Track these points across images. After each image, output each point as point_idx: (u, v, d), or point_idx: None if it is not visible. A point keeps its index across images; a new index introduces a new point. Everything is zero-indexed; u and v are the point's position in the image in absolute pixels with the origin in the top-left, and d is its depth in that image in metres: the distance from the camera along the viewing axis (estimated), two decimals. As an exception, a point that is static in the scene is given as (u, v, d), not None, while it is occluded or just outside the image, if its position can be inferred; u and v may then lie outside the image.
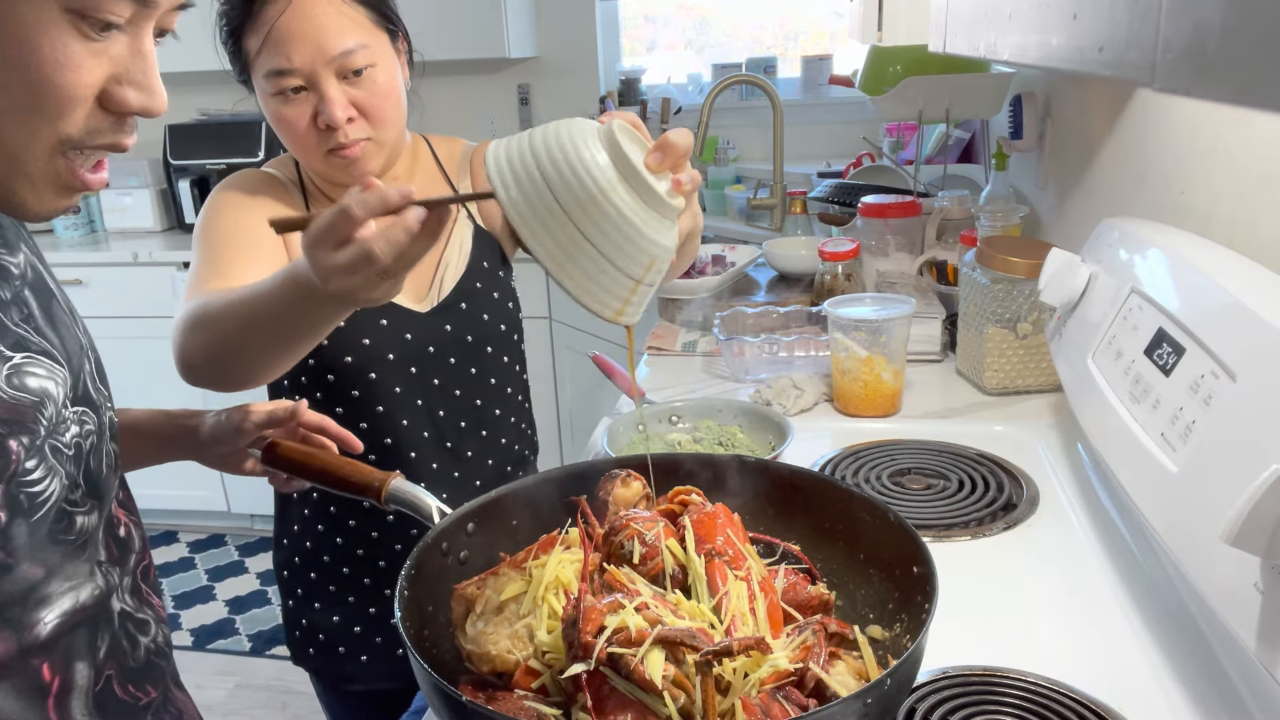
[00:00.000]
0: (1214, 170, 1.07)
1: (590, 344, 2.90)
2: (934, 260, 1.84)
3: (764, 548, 0.89)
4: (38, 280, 0.76)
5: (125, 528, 0.79)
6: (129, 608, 0.78)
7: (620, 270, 0.69)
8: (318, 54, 1.07)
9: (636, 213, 0.69)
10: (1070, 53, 0.65)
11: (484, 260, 1.28)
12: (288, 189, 1.23)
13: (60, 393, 0.70)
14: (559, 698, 0.71)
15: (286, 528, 1.33)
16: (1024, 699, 0.83)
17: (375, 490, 0.92)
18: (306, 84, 1.09)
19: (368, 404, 1.22)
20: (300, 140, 1.13)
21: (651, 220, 0.70)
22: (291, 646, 1.37)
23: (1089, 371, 1.09)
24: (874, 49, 2.06)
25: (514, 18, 3.21)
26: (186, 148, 3.41)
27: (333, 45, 1.08)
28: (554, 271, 0.69)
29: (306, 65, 1.08)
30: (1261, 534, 0.66)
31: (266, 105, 1.13)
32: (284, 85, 1.09)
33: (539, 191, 0.67)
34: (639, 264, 0.70)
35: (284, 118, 1.12)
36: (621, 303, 0.71)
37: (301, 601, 1.33)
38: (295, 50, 1.07)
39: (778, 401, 1.48)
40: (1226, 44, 0.41)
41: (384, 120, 1.14)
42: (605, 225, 0.68)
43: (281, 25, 1.07)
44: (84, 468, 0.72)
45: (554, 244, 0.68)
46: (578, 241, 0.68)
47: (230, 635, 2.98)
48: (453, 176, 1.31)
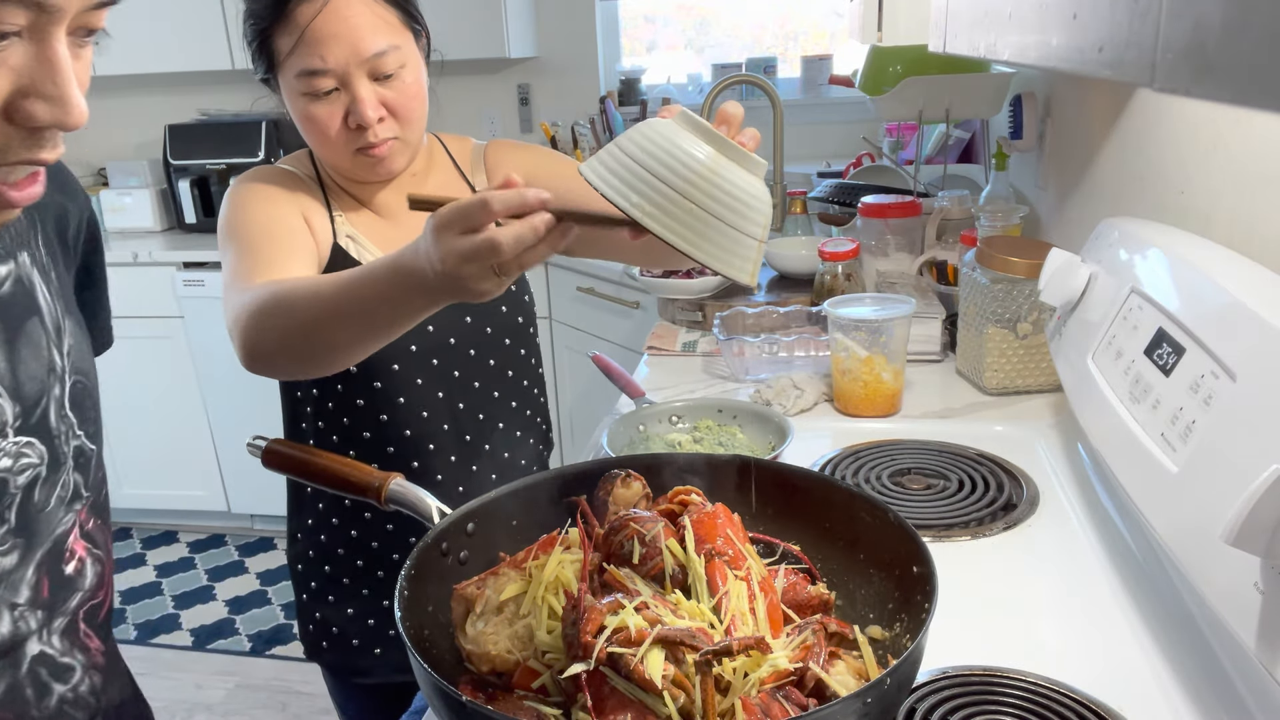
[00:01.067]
0: (1214, 170, 1.07)
1: (590, 344, 2.90)
2: (934, 260, 1.84)
3: (764, 548, 0.89)
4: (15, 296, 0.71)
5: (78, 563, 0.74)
6: (52, 651, 0.72)
7: (745, 234, 0.77)
8: (352, 55, 1.08)
9: (743, 178, 0.77)
10: (1070, 53, 0.65)
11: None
12: (306, 184, 1.23)
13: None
14: (559, 698, 0.71)
15: (301, 522, 1.34)
16: (1024, 699, 0.83)
17: (375, 491, 0.92)
18: (339, 84, 1.10)
19: (389, 396, 1.23)
20: (329, 139, 1.14)
21: (754, 181, 0.78)
22: (305, 640, 1.37)
23: (1089, 371, 1.09)
24: (874, 49, 2.06)
25: (514, 18, 3.21)
26: (186, 148, 3.41)
27: (367, 46, 1.09)
28: (696, 255, 0.76)
29: (340, 66, 1.09)
30: (1261, 534, 0.66)
31: (294, 104, 1.13)
32: (317, 86, 1.10)
33: (660, 191, 0.74)
34: (757, 223, 0.78)
35: (314, 117, 1.12)
36: (752, 264, 0.79)
37: (315, 595, 1.34)
38: (330, 51, 1.08)
39: (778, 401, 1.48)
40: (1226, 44, 0.41)
41: (412, 120, 1.16)
42: (724, 198, 0.75)
43: (316, 26, 1.07)
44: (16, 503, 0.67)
45: (689, 230, 0.75)
46: (707, 221, 0.75)
47: (230, 635, 2.98)
48: (467, 174, 1.32)
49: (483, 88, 3.57)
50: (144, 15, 3.24)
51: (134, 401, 3.32)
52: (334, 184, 1.25)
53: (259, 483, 3.35)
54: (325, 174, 1.25)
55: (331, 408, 1.25)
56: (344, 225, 1.22)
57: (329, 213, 1.21)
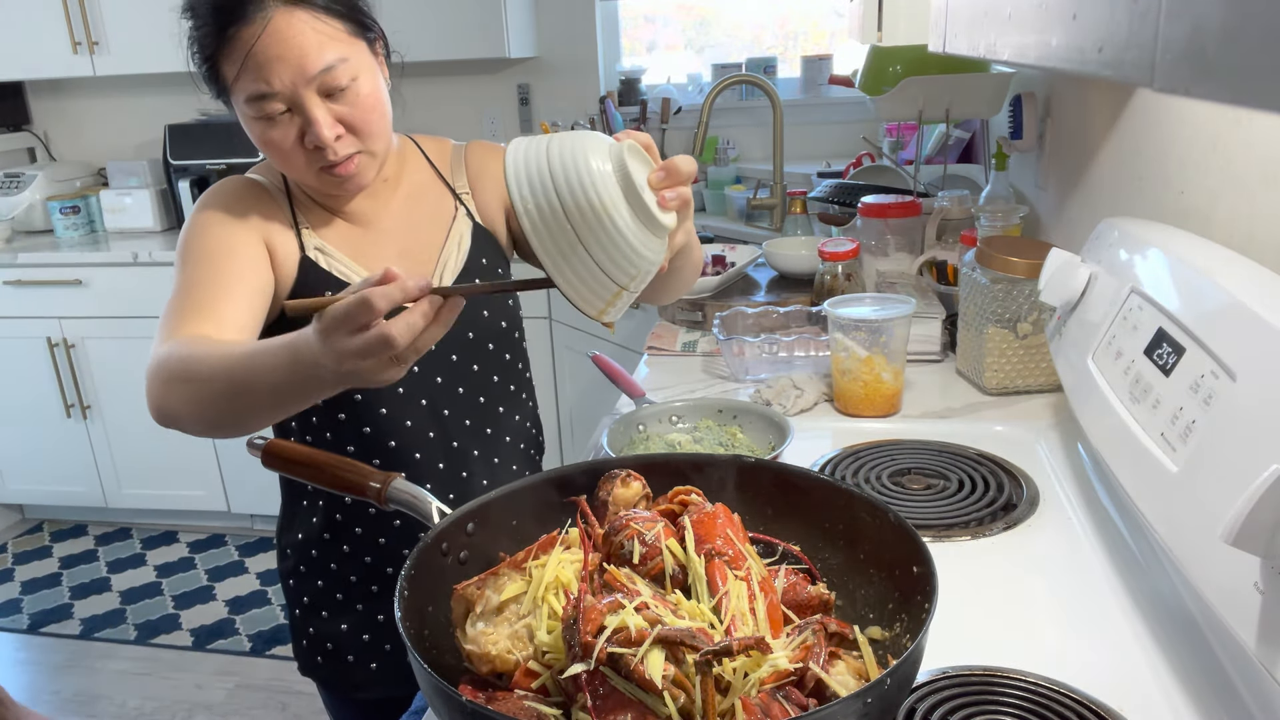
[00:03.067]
0: (1214, 170, 1.07)
1: (590, 344, 2.90)
2: (934, 260, 1.84)
3: (764, 548, 0.89)
4: None
5: None
6: None
7: (609, 276, 0.76)
8: (298, 75, 1.05)
9: (631, 228, 0.76)
10: (1070, 53, 0.65)
11: (483, 257, 1.28)
12: (273, 196, 1.20)
13: None
14: (559, 698, 0.71)
15: (291, 537, 1.32)
16: (1024, 699, 0.83)
17: (376, 491, 0.92)
18: (289, 106, 1.07)
19: (371, 408, 1.21)
20: (290, 161, 1.12)
21: (645, 236, 0.77)
22: (299, 657, 1.36)
23: (1089, 371, 1.09)
24: (874, 49, 2.06)
25: (514, 18, 3.21)
26: (186, 148, 3.41)
27: (312, 64, 1.05)
28: (548, 267, 0.76)
29: (288, 88, 1.05)
30: (1261, 534, 0.66)
31: (250, 129, 1.11)
32: (268, 110, 1.07)
33: (549, 200, 0.74)
34: (626, 274, 0.77)
35: (270, 141, 1.10)
36: (605, 304, 0.78)
37: (308, 610, 1.32)
38: (274, 74, 1.04)
39: (778, 401, 1.48)
40: (1226, 44, 0.41)
41: (372, 133, 1.12)
42: (602, 236, 0.74)
43: (259, 50, 1.04)
44: None
45: (553, 244, 0.75)
46: (575, 248, 0.75)
47: (230, 635, 2.98)
48: (447, 176, 1.31)
49: (483, 88, 3.57)
50: (144, 15, 3.25)
51: (134, 401, 3.32)
52: (302, 195, 1.22)
53: (259, 483, 3.35)
54: (293, 184, 1.22)
55: (315, 423, 1.23)
56: (311, 238, 1.20)
57: (296, 227, 1.19)
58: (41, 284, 3.35)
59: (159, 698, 2.72)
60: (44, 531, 3.70)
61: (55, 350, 3.41)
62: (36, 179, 3.62)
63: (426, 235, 1.26)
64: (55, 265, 3.33)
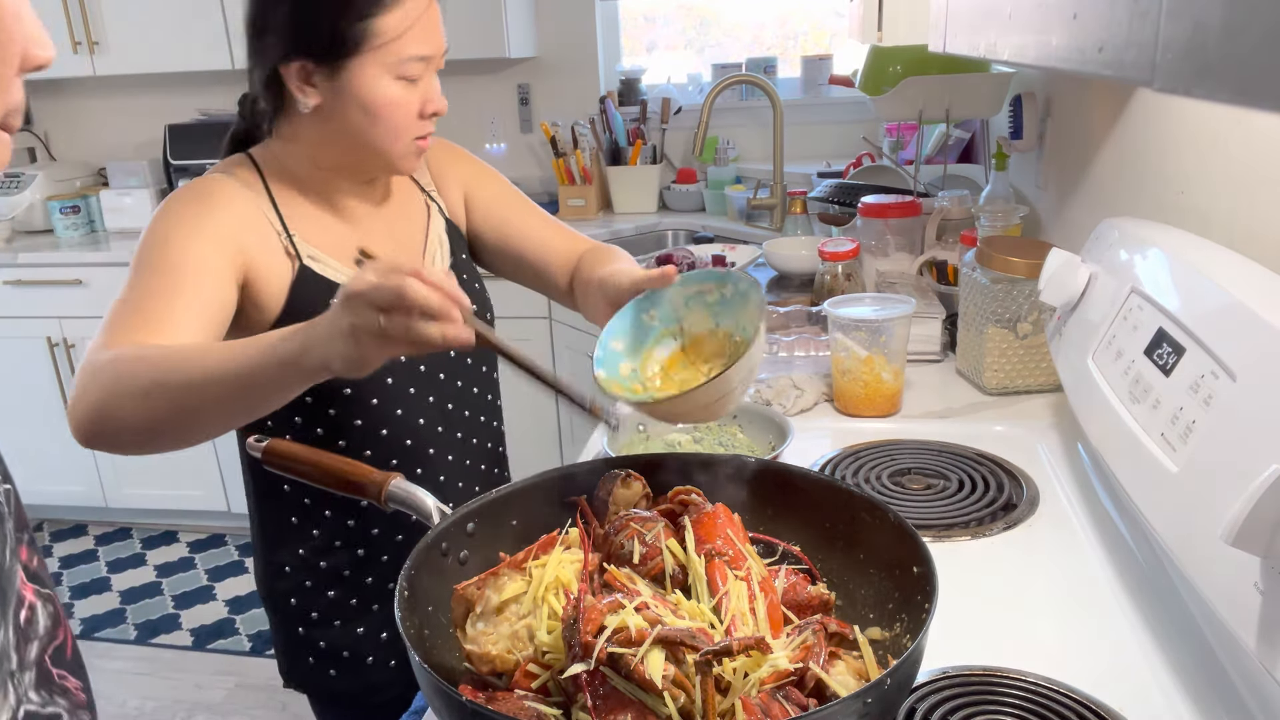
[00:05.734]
0: (1214, 170, 1.07)
1: (590, 344, 2.89)
2: (934, 260, 1.84)
3: (764, 548, 0.89)
4: None
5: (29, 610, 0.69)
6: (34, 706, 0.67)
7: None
8: (438, 47, 1.14)
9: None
10: (1070, 53, 0.65)
11: (461, 253, 1.32)
12: (251, 195, 1.16)
13: None
14: (559, 698, 0.71)
15: (288, 553, 1.29)
16: (1024, 699, 0.83)
17: (375, 491, 0.92)
18: (424, 75, 1.13)
19: (361, 399, 1.20)
20: (401, 125, 1.13)
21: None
22: (298, 675, 1.33)
23: (1089, 371, 1.09)
24: (874, 49, 2.06)
25: (514, 18, 3.21)
26: (186, 148, 3.41)
27: (444, 40, 1.15)
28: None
29: (437, 56, 1.13)
30: (1261, 534, 0.66)
31: (375, 86, 1.09)
32: (414, 71, 1.11)
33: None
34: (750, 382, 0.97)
35: (398, 101, 1.12)
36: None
37: (316, 625, 1.29)
38: (435, 40, 1.12)
39: (778, 401, 1.48)
40: (1226, 44, 0.41)
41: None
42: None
43: (429, 17, 1.11)
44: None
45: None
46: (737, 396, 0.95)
47: (230, 635, 2.98)
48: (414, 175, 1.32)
49: (483, 88, 3.57)
50: (144, 15, 3.25)
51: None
52: (286, 194, 1.18)
53: (259, 483, 3.34)
54: (273, 181, 1.18)
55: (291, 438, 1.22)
56: (305, 247, 1.17)
57: (284, 229, 1.16)
58: (41, 284, 3.35)
59: (159, 697, 2.72)
60: (44, 531, 3.70)
61: (55, 350, 3.41)
62: (36, 179, 3.61)
63: (409, 234, 1.28)
64: (55, 265, 3.33)
